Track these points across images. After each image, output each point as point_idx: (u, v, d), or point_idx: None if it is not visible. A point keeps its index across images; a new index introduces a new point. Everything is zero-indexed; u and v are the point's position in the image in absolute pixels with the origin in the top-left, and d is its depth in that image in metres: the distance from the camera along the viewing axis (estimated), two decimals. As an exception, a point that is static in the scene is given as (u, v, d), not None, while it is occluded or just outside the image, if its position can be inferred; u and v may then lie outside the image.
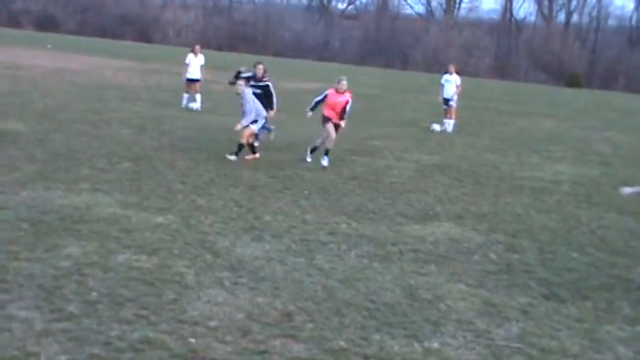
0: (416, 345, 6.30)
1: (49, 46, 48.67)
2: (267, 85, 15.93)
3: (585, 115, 35.57)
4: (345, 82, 14.67)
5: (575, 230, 11.07)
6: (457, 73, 23.69)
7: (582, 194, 14.07)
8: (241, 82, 14.41)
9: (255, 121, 14.22)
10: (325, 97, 14.78)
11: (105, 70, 35.29)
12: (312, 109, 15.07)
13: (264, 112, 14.50)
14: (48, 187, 10.62)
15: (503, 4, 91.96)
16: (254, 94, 14.61)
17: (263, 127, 14.62)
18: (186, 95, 23.16)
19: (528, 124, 28.63)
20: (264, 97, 15.43)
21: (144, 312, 6.41)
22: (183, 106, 22.81)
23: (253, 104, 14.16)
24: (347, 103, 14.70)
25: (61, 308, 6.32)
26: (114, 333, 5.94)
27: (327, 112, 14.75)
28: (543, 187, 14.58)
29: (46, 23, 79.74)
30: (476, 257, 9.16)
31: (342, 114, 14.76)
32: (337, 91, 14.69)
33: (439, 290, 7.77)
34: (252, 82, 15.48)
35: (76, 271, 7.27)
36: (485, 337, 6.61)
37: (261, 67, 16.05)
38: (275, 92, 16.07)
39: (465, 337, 6.58)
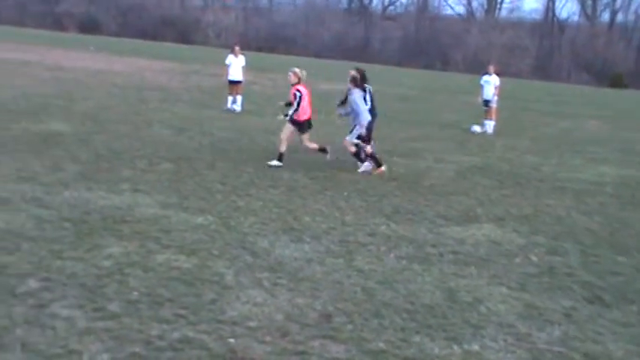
0: (455, 347, 6.24)
1: (91, 48, 49.32)
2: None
3: (630, 116, 35.04)
4: None
5: (619, 233, 10.88)
6: (496, 73, 23.49)
7: (626, 196, 13.84)
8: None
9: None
10: None
11: (146, 72, 35.65)
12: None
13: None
14: (90, 188, 10.74)
15: (546, 3, 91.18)
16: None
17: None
18: (230, 97, 23.26)
19: (570, 125, 28.28)
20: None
21: (183, 312, 6.44)
22: (226, 108, 22.92)
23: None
24: None
25: (102, 307, 6.38)
26: (154, 332, 5.97)
27: None
28: (586, 188, 14.37)
29: (89, 26, 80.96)
30: (517, 260, 9.05)
31: None
32: None
33: (479, 293, 7.69)
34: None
35: (117, 271, 7.34)
36: (527, 341, 6.52)
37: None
38: None
39: (505, 340, 6.50)
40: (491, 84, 23.06)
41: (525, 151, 19.18)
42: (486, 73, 23.59)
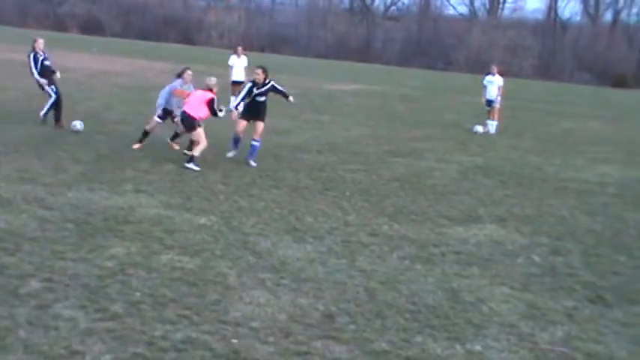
0: (458, 347, 6.25)
1: (94, 49, 49.32)
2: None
3: (632, 117, 34.98)
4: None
5: (621, 233, 10.88)
6: (500, 74, 23.47)
7: (629, 196, 13.83)
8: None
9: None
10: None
11: (147, 72, 35.67)
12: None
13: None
14: (92, 189, 10.75)
15: (548, 3, 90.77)
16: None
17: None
18: (232, 98, 23.24)
19: (573, 125, 28.26)
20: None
21: (186, 312, 6.46)
22: (230, 108, 22.88)
23: None
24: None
25: (105, 308, 6.39)
26: (157, 333, 5.99)
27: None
28: (588, 189, 14.37)
29: (92, 27, 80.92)
30: (519, 260, 9.06)
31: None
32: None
33: (482, 293, 7.69)
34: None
35: (119, 272, 7.35)
36: (529, 341, 6.53)
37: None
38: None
39: (508, 340, 6.51)
40: (494, 84, 23.02)
41: (528, 151, 19.17)
42: (490, 73, 23.58)
